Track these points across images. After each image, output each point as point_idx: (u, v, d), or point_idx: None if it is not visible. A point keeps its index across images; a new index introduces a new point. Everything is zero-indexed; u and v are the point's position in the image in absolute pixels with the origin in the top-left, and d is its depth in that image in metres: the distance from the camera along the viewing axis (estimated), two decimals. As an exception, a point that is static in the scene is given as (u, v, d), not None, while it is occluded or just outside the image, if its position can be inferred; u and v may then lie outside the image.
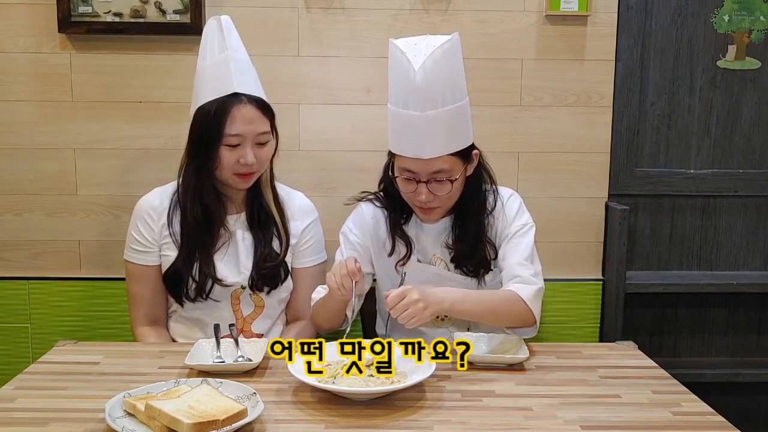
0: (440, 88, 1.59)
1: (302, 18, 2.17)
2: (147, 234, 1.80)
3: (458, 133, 1.65)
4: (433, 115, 1.59)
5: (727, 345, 2.48)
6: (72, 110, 2.18)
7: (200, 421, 1.15)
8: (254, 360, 1.50)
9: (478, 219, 1.76)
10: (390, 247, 1.80)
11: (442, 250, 1.79)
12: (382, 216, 1.82)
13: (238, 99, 1.71)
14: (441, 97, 1.59)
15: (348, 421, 1.27)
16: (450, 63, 1.60)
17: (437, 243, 1.80)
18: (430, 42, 1.60)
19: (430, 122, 1.59)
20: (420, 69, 1.56)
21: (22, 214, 2.23)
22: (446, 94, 1.60)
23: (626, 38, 2.26)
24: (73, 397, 1.36)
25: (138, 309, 1.83)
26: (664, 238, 2.41)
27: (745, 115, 2.35)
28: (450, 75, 1.61)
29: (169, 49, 2.16)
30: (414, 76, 1.57)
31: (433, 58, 1.57)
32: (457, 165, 1.67)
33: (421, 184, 1.66)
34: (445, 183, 1.66)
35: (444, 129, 1.61)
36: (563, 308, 2.33)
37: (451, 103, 1.61)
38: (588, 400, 1.38)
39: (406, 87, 1.60)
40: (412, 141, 1.63)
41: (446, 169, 1.65)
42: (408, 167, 1.66)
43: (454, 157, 1.65)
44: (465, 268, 1.78)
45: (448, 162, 1.64)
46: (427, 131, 1.60)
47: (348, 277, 1.56)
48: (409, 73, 1.58)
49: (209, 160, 1.72)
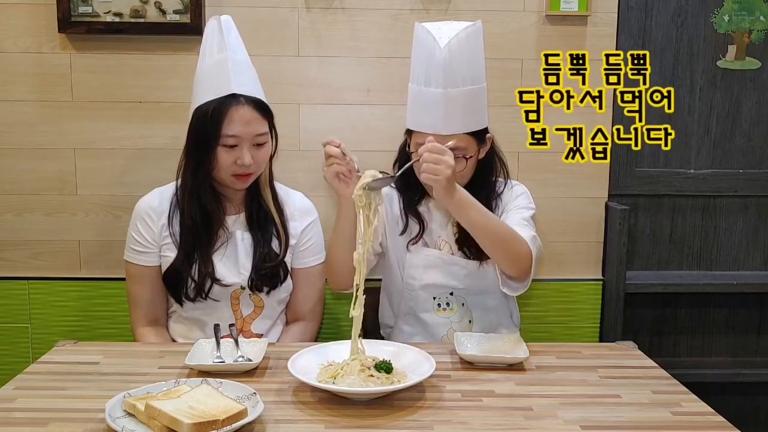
0: (462, 68, 1.68)
1: (302, 18, 2.17)
2: (147, 234, 1.80)
3: (475, 114, 1.73)
4: (454, 93, 1.67)
5: (727, 345, 2.48)
6: (72, 110, 2.18)
7: (200, 421, 1.15)
8: (254, 360, 1.50)
9: (486, 200, 1.79)
10: (403, 226, 1.83)
11: (448, 232, 1.83)
12: (395, 195, 1.88)
13: (236, 100, 1.71)
14: (462, 77, 1.68)
15: (348, 421, 1.27)
16: (473, 45, 1.70)
17: (444, 225, 1.83)
18: (454, 26, 1.69)
19: (451, 100, 1.67)
20: (445, 47, 1.65)
21: (22, 214, 2.23)
22: (467, 75, 1.69)
23: (626, 38, 2.27)
24: (73, 397, 1.36)
25: (138, 309, 1.83)
26: (664, 238, 2.41)
27: (745, 115, 2.35)
28: (472, 57, 1.70)
29: (169, 49, 2.16)
30: (439, 54, 1.65)
31: (458, 38, 1.66)
32: (471, 144, 1.74)
33: None
34: (459, 160, 1.71)
35: (463, 108, 1.69)
36: (563, 308, 2.33)
37: (471, 84, 1.70)
38: (588, 400, 1.38)
39: (430, 65, 1.68)
40: (432, 117, 1.69)
41: (462, 147, 1.71)
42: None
43: (469, 137, 1.73)
44: (469, 250, 1.81)
45: (464, 140, 1.72)
46: (447, 108, 1.68)
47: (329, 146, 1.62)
48: (435, 51, 1.66)
49: (207, 161, 1.72)
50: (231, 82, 1.71)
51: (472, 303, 1.84)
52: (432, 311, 1.84)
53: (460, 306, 1.83)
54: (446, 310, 1.83)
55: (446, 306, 1.82)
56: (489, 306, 1.86)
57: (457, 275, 1.81)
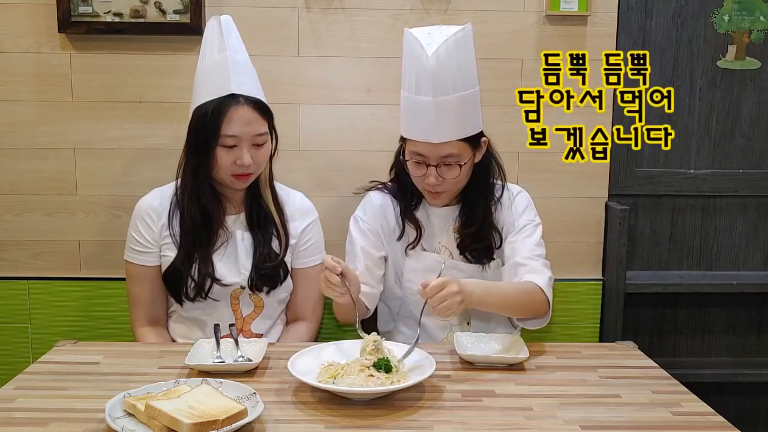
0: (452, 74, 1.65)
1: (302, 18, 2.17)
2: (147, 234, 1.80)
3: (468, 120, 1.71)
4: (444, 101, 1.65)
5: (727, 345, 2.48)
6: (72, 110, 2.18)
7: (200, 421, 1.15)
8: (254, 360, 1.50)
9: (485, 204, 1.80)
10: (399, 232, 1.83)
11: (448, 237, 1.83)
12: (390, 203, 1.87)
13: (236, 100, 1.71)
14: (452, 84, 1.66)
15: (348, 421, 1.27)
16: (462, 51, 1.67)
17: (443, 230, 1.83)
18: (444, 31, 1.66)
19: (441, 107, 1.65)
20: (433, 56, 1.63)
21: (22, 214, 2.23)
22: (457, 81, 1.66)
23: (626, 38, 2.27)
24: (73, 397, 1.36)
25: (138, 309, 1.83)
26: (664, 238, 2.41)
27: (745, 115, 2.35)
28: (462, 63, 1.67)
29: (169, 49, 2.16)
30: (427, 63, 1.63)
31: (446, 45, 1.63)
32: (465, 150, 1.72)
33: (431, 167, 1.71)
34: (453, 167, 1.71)
35: (454, 114, 1.67)
36: (563, 308, 2.32)
37: (462, 90, 1.67)
38: (588, 400, 1.38)
39: (419, 73, 1.66)
40: (423, 125, 1.68)
41: (455, 154, 1.70)
42: (418, 151, 1.71)
43: (463, 143, 1.71)
44: (469, 254, 1.81)
45: (457, 147, 1.70)
46: (437, 116, 1.66)
47: (329, 271, 1.54)
48: (423, 59, 1.64)
49: (206, 161, 1.73)
50: (231, 82, 1.71)
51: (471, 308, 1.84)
52: (432, 314, 1.80)
53: None
54: None
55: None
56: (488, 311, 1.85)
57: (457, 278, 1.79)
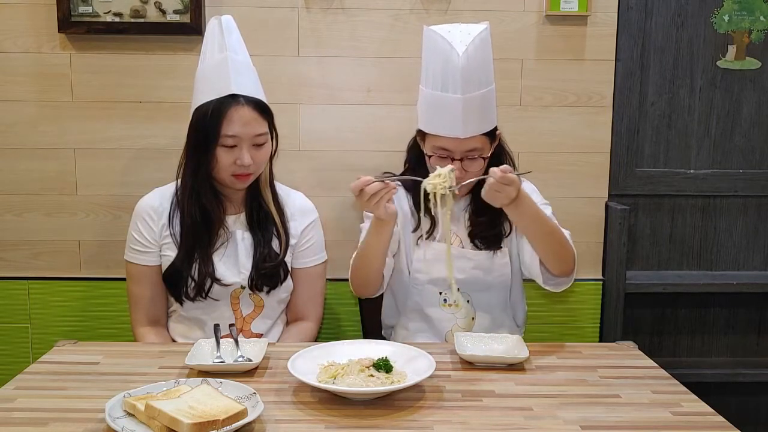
0: (478, 72, 1.72)
1: (302, 18, 2.17)
2: (147, 234, 1.80)
3: (489, 114, 1.78)
4: (472, 98, 1.71)
5: (727, 345, 2.48)
6: (72, 110, 2.18)
7: (200, 421, 1.15)
8: (254, 360, 1.50)
9: None
10: (415, 223, 1.86)
11: (459, 226, 1.86)
12: (404, 194, 1.89)
13: (236, 100, 1.71)
14: (478, 81, 1.72)
15: (348, 421, 1.27)
16: (487, 49, 1.75)
17: (455, 219, 1.86)
18: (464, 29, 1.72)
19: (469, 104, 1.71)
20: (464, 54, 1.68)
21: (22, 214, 2.23)
22: (482, 78, 1.73)
23: (626, 38, 2.27)
24: (73, 397, 1.36)
25: (138, 309, 1.83)
26: (664, 238, 2.41)
27: (745, 115, 2.35)
28: (486, 60, 1.75)
29: (169, 49, 2.16)
30: (458, 61, 1.68)
31: (474, 44, 1.69)
32: (486, 144, 1.79)
33: (455, 161, 1.74)
34: (477, 160, 1.76)
35: (479, 110, 1.73)
36: (563, 308, 2.33)
37: (485, 87, 1.74)
38: (588, 400, 1.38)
39: (446, 70, 1.70)
40: (451, 121, 1.72)
41: (479, 147, 1.76)
42: (443, 146, 1.75)
43: (484, 137, 1.77)
44: (480, 241, 1.84)
45: (480, 141, 1.76)
46: (465, 112, 1.71)
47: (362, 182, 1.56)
48: (452, 57, 1.68)
49: (206, 161, 1.73)
50: (231, 82, 1.71)
51: (476, 300, 1.86)
52: (437, 306, 1.85)
53: (465, 303, 1.85)
54: (452, 305, 1.85)
55: (452, 302, 1.84)
56: (493, 304, 1.88)
57: (463, 268, 1.83)
